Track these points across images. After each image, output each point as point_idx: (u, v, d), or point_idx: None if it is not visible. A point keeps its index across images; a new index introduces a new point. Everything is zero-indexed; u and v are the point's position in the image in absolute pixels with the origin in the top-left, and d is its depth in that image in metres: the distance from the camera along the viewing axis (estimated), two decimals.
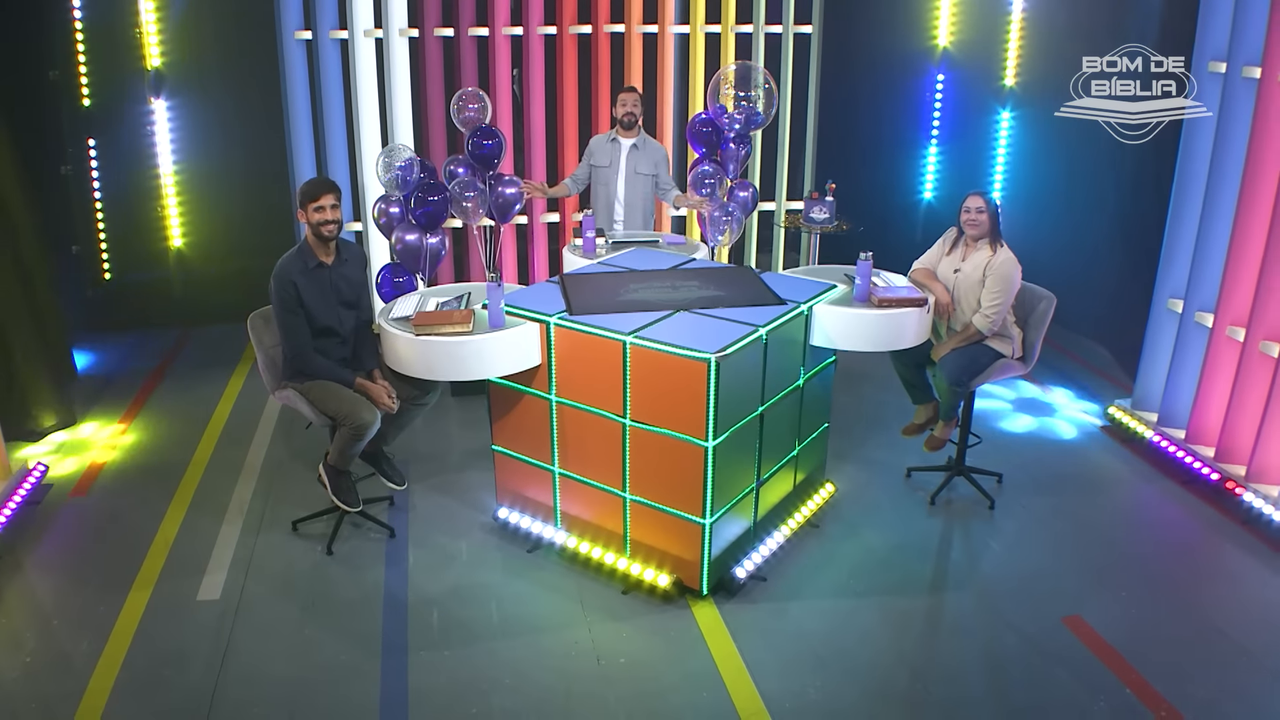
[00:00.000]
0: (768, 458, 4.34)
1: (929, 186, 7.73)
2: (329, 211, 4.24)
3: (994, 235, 4.78)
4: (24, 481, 4.95)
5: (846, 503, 5.02)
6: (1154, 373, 5.68)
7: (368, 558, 4.57)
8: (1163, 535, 4.79)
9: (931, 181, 7.71)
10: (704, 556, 4.08)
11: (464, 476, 5.26)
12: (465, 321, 4.11)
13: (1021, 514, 4.94)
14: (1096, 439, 5.77)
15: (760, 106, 6.23)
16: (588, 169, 6.14)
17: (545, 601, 4.24)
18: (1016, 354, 4.87)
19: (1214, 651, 3.93)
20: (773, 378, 4.19)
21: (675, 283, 4.58)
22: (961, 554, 4.65)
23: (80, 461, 5.44)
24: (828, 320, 4.39)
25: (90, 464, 5.42)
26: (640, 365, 3.93)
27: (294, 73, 6.53)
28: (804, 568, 4.47)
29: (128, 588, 4.32)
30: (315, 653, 3.92)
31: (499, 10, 6.61)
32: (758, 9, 7.06)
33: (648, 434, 4.03)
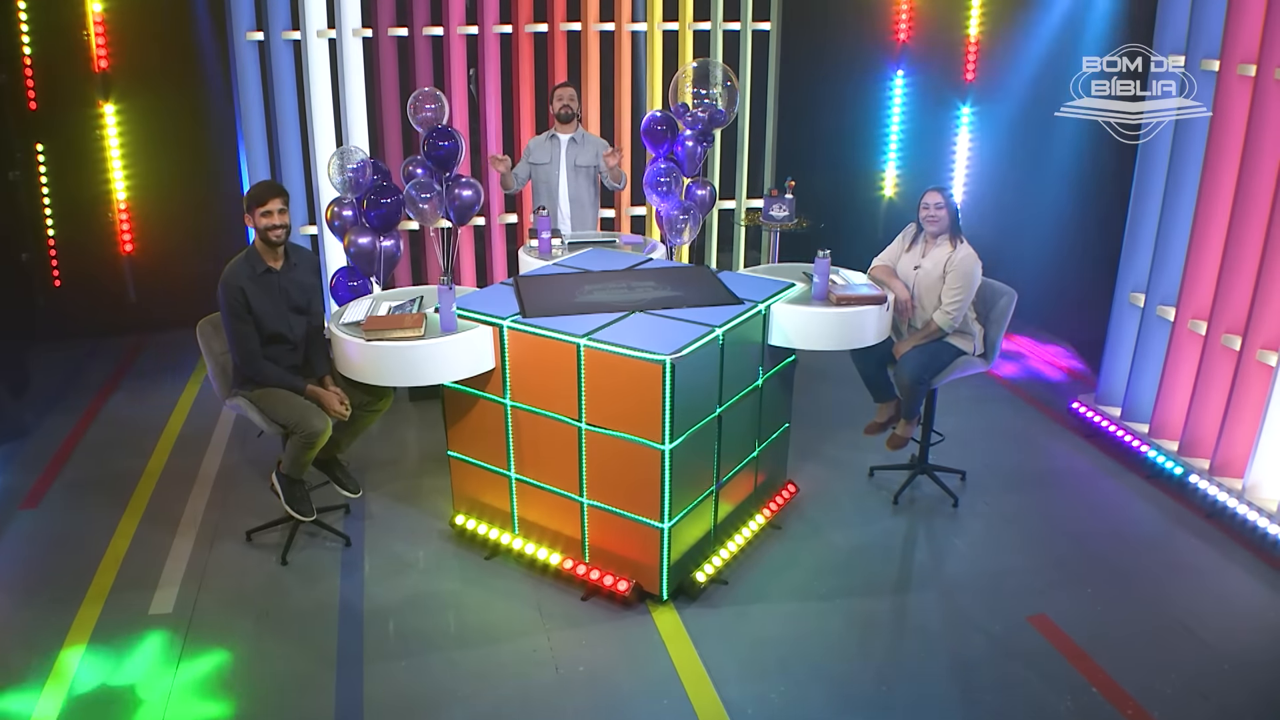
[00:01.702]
0: (727, 459, 4.28)
1: (890, 183, 7.70)
2: (277, 216, 4.14)
3: (954, 231, 4.75)
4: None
5: (809, 503, 4.96)
6: (1117, 367, 5.67)
7: (323, 567, 4.47)
8: (1127, 530, 4.77)
9: (893, 178, 7.68)
10: (663, 561, 4.01)
11: (422, 482, 5.17)
12: (417, 326, 4.02)
13: (985, 512, 4.91)
14: (1060, 435, 5.75)
15: (722, 104, 6.18)
16: (528, 168, 6.07)
17: (503, 609, 4.16)
18: (978, 351, 4.84)
19: (1180, 647, 3.91)
20: (730, 378, 4.12)
21: (631, 283, 4.51)
22: (926, 553, 4.61)
23: (28, 475, 5.30)
24: (786, 319, 4.33)
25: (40, 475, 5.28)
26: (595, 368, 3.86)
27: (246, 74, 6.39)
28: (766, 570, 4.42)
29: (79, 602, 4.21)
30: (269, 665, 3.84)
31: (453, 9, 6.51)
32: (716, 6, 7.00)
33: (604, 438, 3.96)
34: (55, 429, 5.85)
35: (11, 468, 5.37)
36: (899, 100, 7.48)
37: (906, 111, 7.49)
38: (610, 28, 6.88)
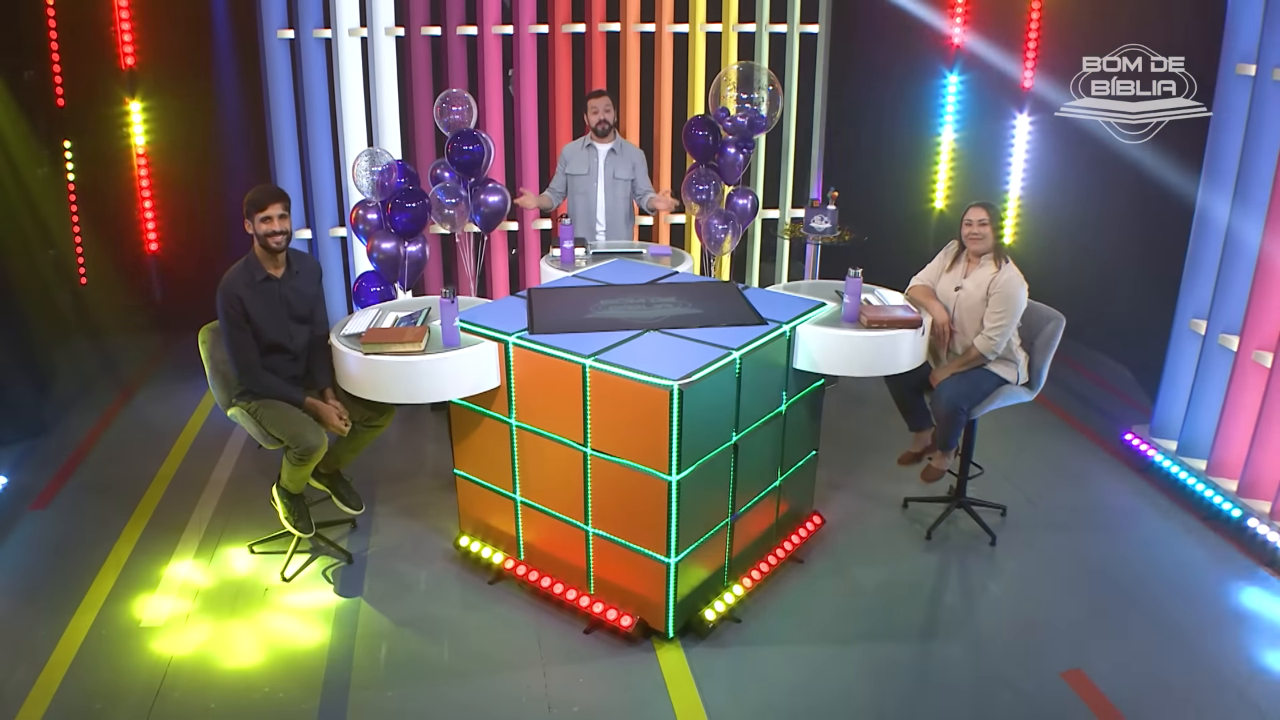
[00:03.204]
0: (744, 490, 4.02)
1: (942, 195, 7.35)
2: (276, 222, 3.98)
3: (998, 250, 4.45)
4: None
5: (836, 536, 4.68)
6: (1174, 397, 5.30)
7: (321, 585, 4.32)
8: (1178, 578, 4.41)
9: (945, 190, 7.33)
10: (669, 597, 3.77)
11: (434, 498, 5.00)
12: (417, 340, 3.84)
13: (1025, 552, 4.58)
14: (1111, 468, 5.38)
15: (764, 109, 5.93)
16: (564, 179, 5.86)
17: (501, 639, 3.96)
18: (1021, 380, 4.52)
19: (1231, 714, 3.56)
20: (749, 404, 3.87)
21: (650, 299, 4.28)
22: (957, 596, 4.31)
23: (42, 474, 5.25)
24: (812, 341, 4.06)
25: (54, 475, 5.23)
26: (600, 391, 3.64)
27: (277, 73, 6.29)
28: (783, 609, 4.15)
29: (74, 610, 4.12)
30: (252, 690, 3.68)
31: (488, 8, 6.34)
32: (761, 7, 6.72)
33: (610, 465, 3.73)
34: (74, 428, 5.81)
35: (27, 466, 5.33)
36: (952, 106, 7.12)
37: (960, 119, 7.14)
38: (650, 28, 6.65)
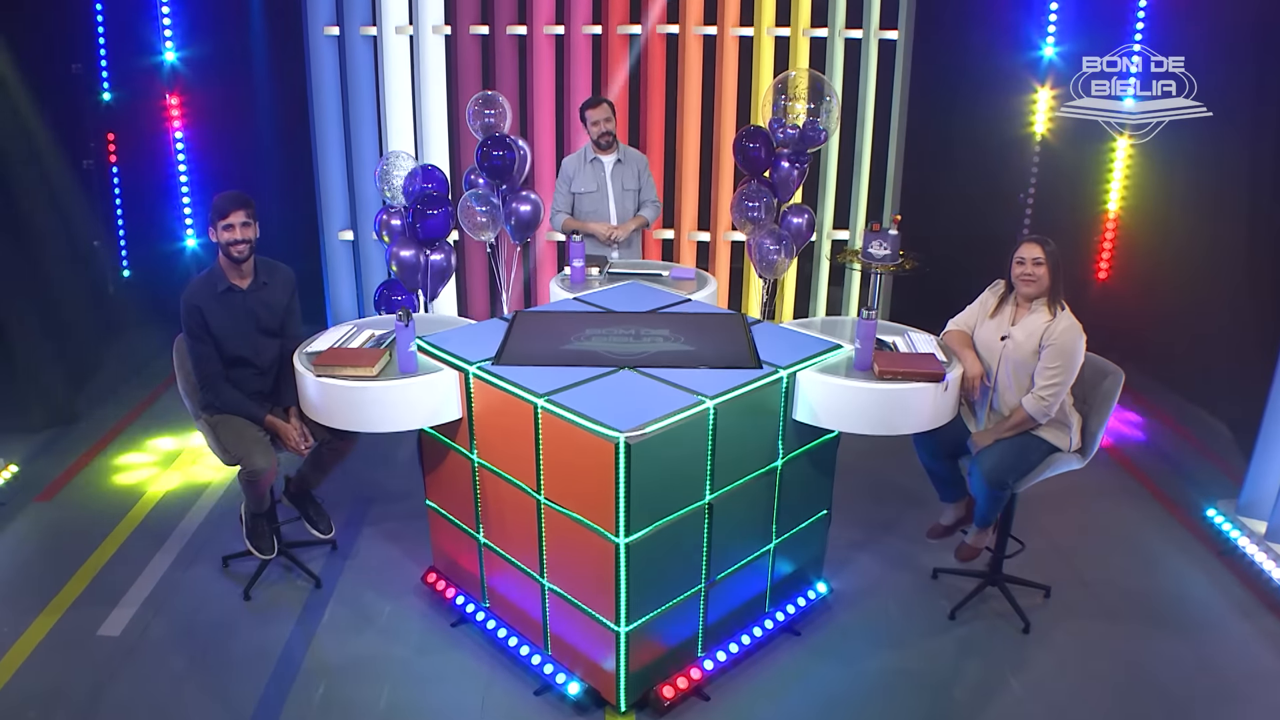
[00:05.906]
0: (724, 554, 3.57)
1: (1028, 220, 6.66)
2: (238, 230, 3.76)
3: (1054, 294, 3.85)
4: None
5: (847, 605, 4.16)
6: (1268, 472, 4.55)
7: (282, 609, 4.10)
8: (1249, 692, 3.70)
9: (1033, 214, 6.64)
10: (620, 669, 3.37)
11: (419, 524, 4.69)
12: (371, 363, 3.55)
13: (1063, 642, 3.96)
14: (1186, 547, 4.66)
15: (824, 122, 5.43)
16: (569, 198, 5.49)
17: (445, 691, 3.64)
18: (1074, 445, 3.91)
19: None
20: (729, 459, 3.41)
21: (641, 330, 3.88)
22: (969, 691, 3.72)
23: (57, 464, 5.25)
24: (812, 391, 3.57)
25: (67, 467, 5.22)
26: (551, 435, 3.26)
27: (322, 70, 6.16)
28: (761, 689, 3.67)
29: (38, 611, 4.05)
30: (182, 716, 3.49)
31: (539, 8, 6.04)
32: (835, 10, 6.20)
33: (562, 518, 3.36)
34: (102, 420, 5.82)
35: (46, 455, 5.35)
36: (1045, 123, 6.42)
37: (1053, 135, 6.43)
38: (713, 31, 6.22)
